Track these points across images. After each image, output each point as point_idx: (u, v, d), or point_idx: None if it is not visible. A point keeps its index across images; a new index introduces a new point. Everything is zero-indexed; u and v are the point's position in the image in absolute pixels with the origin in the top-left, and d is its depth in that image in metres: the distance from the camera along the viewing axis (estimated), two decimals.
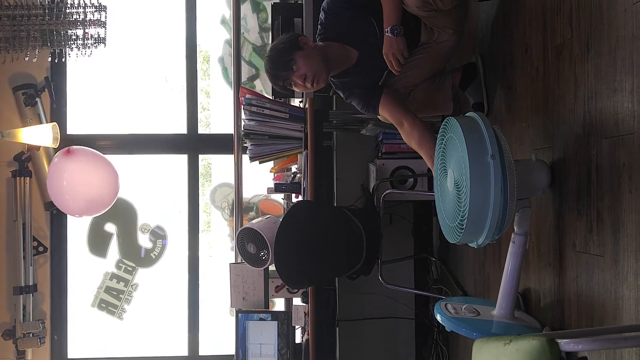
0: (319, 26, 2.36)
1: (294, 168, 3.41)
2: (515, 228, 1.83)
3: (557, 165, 1.85)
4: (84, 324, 4.20)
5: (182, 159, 4.12)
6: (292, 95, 3.24)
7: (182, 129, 4.18)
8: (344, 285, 3.05)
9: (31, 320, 3.77)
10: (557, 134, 1.86)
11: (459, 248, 2.77)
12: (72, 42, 3.73)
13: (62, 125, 3.94)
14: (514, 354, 1.10)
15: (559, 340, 1.05)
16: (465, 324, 1.90)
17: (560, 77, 1.84)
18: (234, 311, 3.30)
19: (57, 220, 3.98)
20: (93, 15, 3.74)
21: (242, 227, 3.15)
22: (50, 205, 3.85)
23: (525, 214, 1.80)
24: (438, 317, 2.00)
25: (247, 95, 2.94)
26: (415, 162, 2.84)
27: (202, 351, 4.06)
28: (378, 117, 2.42)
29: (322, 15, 2.34)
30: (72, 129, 4.05)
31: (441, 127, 1.82)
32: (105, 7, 3.74)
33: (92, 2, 3.73)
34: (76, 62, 3.85)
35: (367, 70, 2.33)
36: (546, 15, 1.93)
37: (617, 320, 1.53)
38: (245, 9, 4.29)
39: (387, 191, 2.75)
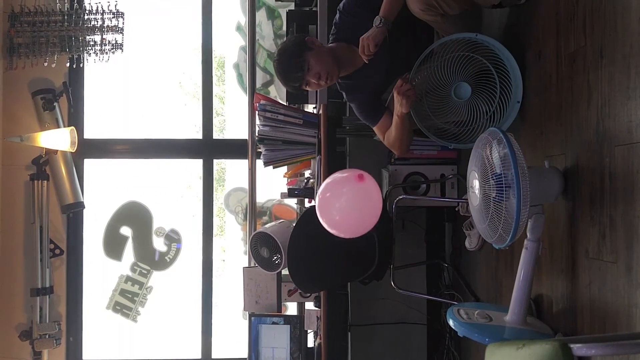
0: (332, 27, 2.39)
1: (307, 173, 3.43)
2: (528, 234, 1.84)
3: (570, 172, 1.86)
4: (99, 326, 4.24)
5: (197, 164, 4.16)
6: (306, 100, 3.27)
7: (196, 134, 4.22)
8: (356, 290, 3.06)
9: (47, 321, 3.82)
10: (570, 141, 1.86)
11: (472, 254, 2.77)
12: (90, 48, 3.80)
13: (80, 130, 3.99)
14: (526, 358, 1.10)
15: (571, 345, 1.06)
16: (477, 329, 1.91)
17: (573, 84, 1.85)
18: (247, 315, 3.32)
19: (74, 223, 4.03)
20: (111, 21, 3.81)
21: (255, 232, 3.17)
22: (66, 209, 3.90)
23: (538, 220, 1.81)
24: (451, 322, 2.00)
25: (262, 101, 2.96)
26: (428, 168, 2.85)
27: (215, 354, 4.08)
28: None
29: (337, 16, 2.37)
30: (89, 134, 4.10)
31: None
32: (122, 13, 3.81)
33: (110, 8, 3.80)
34: (94, 68, 3.92)
35: (372, 75, 2.35)
36: (560, 23, 1.94)
37: (631, 328, 1.53)
38: (261, 16, 4.33)
39: (400, 197, 2.76)
